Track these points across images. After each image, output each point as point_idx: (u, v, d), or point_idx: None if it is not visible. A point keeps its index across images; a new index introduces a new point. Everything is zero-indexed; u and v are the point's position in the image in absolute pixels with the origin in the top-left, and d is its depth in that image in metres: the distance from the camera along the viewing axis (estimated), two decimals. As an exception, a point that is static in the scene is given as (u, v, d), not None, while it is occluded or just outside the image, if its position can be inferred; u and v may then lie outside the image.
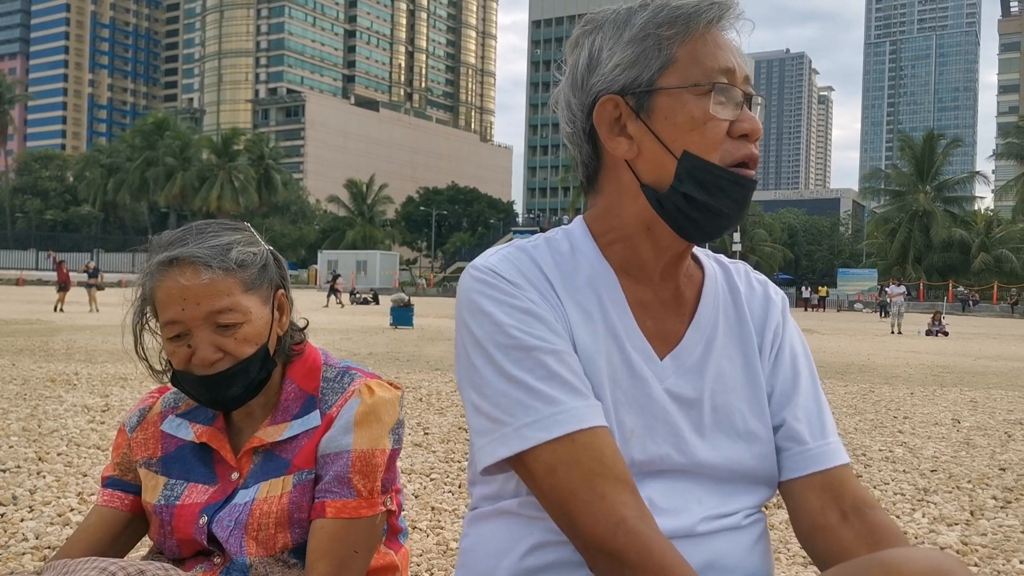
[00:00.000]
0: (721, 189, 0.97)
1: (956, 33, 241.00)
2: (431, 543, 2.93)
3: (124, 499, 1.31)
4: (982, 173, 56.30)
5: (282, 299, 1.30)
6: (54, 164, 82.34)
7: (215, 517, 1.23)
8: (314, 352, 1.35)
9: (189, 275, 1.18)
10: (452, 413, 5.80)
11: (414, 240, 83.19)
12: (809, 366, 1.12)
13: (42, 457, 3.99)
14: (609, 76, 1.00)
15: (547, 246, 1.07)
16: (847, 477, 1.03)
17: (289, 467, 1.24)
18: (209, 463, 1.28)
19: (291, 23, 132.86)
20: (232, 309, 1.20)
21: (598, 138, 1.02)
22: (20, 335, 11.70)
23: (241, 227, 1.29)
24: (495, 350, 0.96)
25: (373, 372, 1.34)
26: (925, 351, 14.81)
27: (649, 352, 1.03)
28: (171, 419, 1.33)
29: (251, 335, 1.22)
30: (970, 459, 4.77)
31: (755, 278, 1.17)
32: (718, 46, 0.98)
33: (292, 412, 1.28)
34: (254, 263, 1.24)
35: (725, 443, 1.03)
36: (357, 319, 20.09)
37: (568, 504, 0.90)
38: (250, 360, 1.22)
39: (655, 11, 0.99)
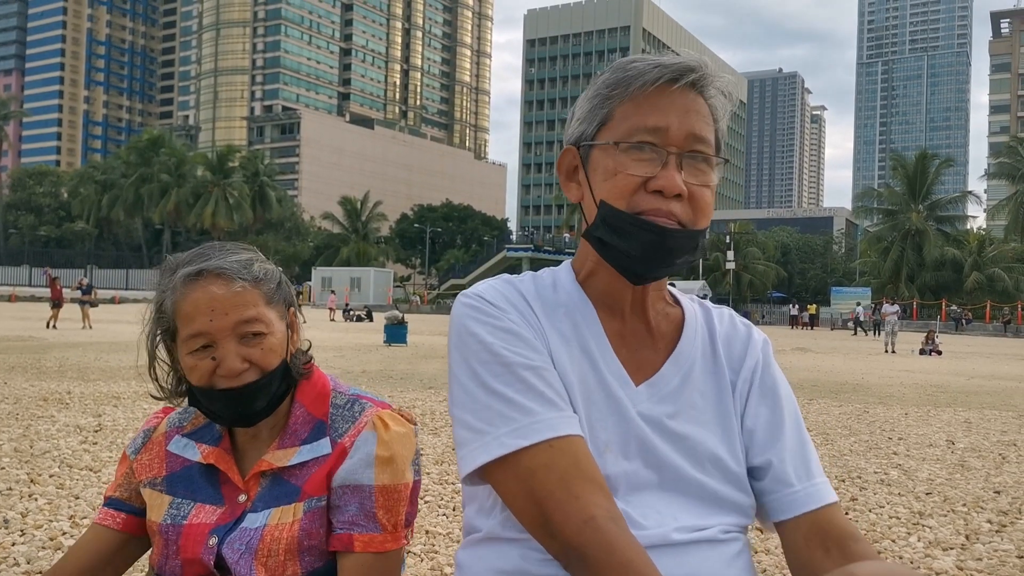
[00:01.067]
0: (628, 233, 1.05)
1: (947, 53, 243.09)
2: (425, 568, 2.91)
3: (117, 517, 1.31)
4: (974, 193, 56.48)
5: (293, 317, 1.32)
6: (48, 180, 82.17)
7: (225, 539, 1.22)
8: (323, 377, 1.36)
9: (218, 286, 1.20)
10: (446, 434, 5.78)
11: (408, 257, 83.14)
12: (792, 407, 1.16)
13: (34, 479, 3.95)
14: (572, 127, 1.13)
15: (532, 280, 1.16)
16: (833, 515, 1.07)
17: (300, 494, 1.24)
18: (216, 484, 1.28)
19: (287, 41, 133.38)
20: (258, 319, 1.22)
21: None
22: (12, 352, 11.64)
23: (249, 248, 1.32)
24: (478, 366, 1.04)
25: (383, 401, 1.34)
26: (919, 370, 14.83)
27: (624, 377, 1.10)
28: (177, 439, 1.33)
29: (275, 346, 1.24)
30: (965, 481, 4.77)
31: (739, 321, 1.22)
32: (655, 107, 1.05)
33: (301, 437, 1.28)
34: (272, 279, 1.28)
35: (695, 467, 1.08)
36: (351, 336, 20.03)
37: (545, 504, 0.95)
38: (273, 373, 1.24)
39: (614, 71, 1.08)
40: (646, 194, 1.04)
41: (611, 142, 1.06)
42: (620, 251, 1.06)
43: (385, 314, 18.48)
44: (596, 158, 1.09)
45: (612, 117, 1.07)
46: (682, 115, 1.05)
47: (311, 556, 1.23)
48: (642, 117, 1.05)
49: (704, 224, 1.08)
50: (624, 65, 1.08)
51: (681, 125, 1.05)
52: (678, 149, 1.05)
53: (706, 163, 1.08)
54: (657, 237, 1.04)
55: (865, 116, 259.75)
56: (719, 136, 1.11)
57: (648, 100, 1.05)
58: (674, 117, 1.05)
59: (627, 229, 1.05)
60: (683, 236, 1.05)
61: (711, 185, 1.09)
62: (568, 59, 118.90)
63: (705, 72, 1.07)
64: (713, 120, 1.09)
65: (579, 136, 1.11)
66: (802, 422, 1.15)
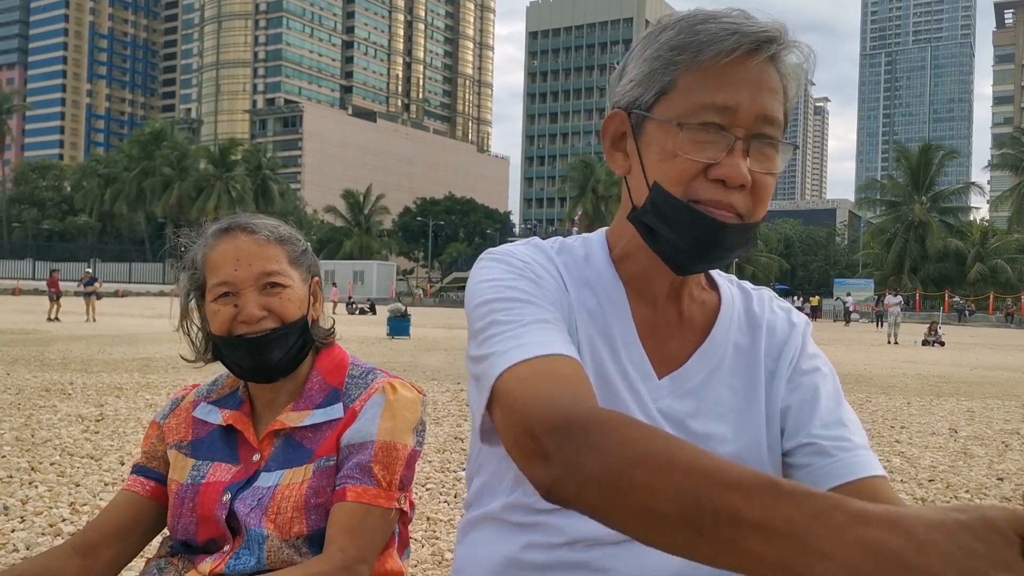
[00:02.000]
0: (683, 224, 0.93)
1: (951, 45, 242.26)
2: (426, 553, 2.91)
3: (146, 485, 1.37)
4: (977, 184, 56.46)
5: (316, 287, 1.39)
6: (51, 174, 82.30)
7: (238, 495, 1.27)
8: (343, 353, 1.43)
9: (243, 238, 1.30)
10: (448, 423, 5.78)
11: (411, 250, 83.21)
12: (833, 385, 1.07)
13: (35, 467, 3.96)
14: (622, 89, 0.99)
15: (562, 248, 1.07)
16: (880, 488, 0.95)
17: (312, 456, 1.29)
18: (233, 445, 1.34)
19: (289, 34, 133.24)
20: (281, 272, 1.30)
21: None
22: (16, 344, 11.66)
23: (284, 222, 1.41)
24: (489, 304, 0.94)
25: (397, 376, 1.39)
26: (922, 361, 14.81)
27: (647, 370, 1.02)
28: (203, 406, 1.40)
29: (294, 300, 1.31)
30: (968, 469, 4.76)
31: (778, 305, 1.14)
32: (725, 80, 0.91)
33: (315, 402, 1.34)
34: (299, 243, 1.37)
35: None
36: (354, 329, 20.05)
37: (529, 403, 0.80)
38: (292, 325, 1.30)
39: (680, 31, 0.94)
40: (706, 182, 0.93)
41: (674, 121, 0.92)
42: (668, 241, 0.96)
43: (388, 307, 18.48)
44: (651, 132, 0.95)
45: (674, 87, 0.93)
46: (754, 92, 0.92)
47: (317, 515, 1.26)
48: (710, 92, 0.91)
49: (762, 215, 0.97)
50: (693, 25, 0.93)
51: (752, 104, 0.92)
52: (746, 132, 0.92)
53: (773, 148, 0.95)
54: (712, 232, 0.93)
55: (868, 108, 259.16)
56: (787, 115, 0.98)
57: (718, 72, 0.91)
58: (745, 95, 0.92)
59: (680, 219, 0.93)
60: (740, 230, 0.94)
61: (776, 172, 0.96)
62: (571, 51, 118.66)
63: (787, 42, 0.93)
64: (785, 97, 0.96)
65: (632, 101, 0.97)
66: (844, 399, 1.08)
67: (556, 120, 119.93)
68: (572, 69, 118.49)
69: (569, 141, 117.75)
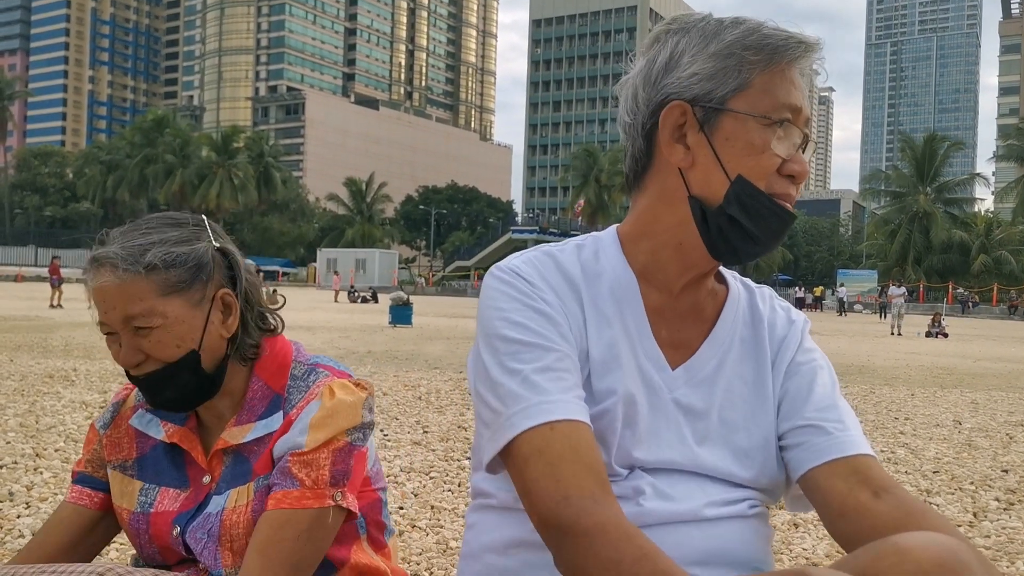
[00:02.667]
0: (763, 217, 0.99)
1: (957, 35, 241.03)
2: (431, 542, 2.91)
3: (93, 496, 1.27)
4: (982, 175, 56.42)
5: (228, 299, 1.22)
6: (53, 161, 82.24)
7: (188, 527, 1.19)
8: (286, 347, 1.29)
9: (104, 277, 1.15)
10: (451, 412, 5.78)
11: (413, 239, 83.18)
12: (831, 378, 1.12)
13: (39, 453, 3.96)
14: (685, 82, 1.01)
15: (574, 250, 1.10)
16: (873, 465, 1.01)
17: (251, 473, 1.20)
18: (181, 465, 1.24)
19: (291, 21, 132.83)
20: (145, 314, 1.14)
21: (655, 137, 1.03)
22: (19, 331, 11.67)
23: (185, 222, 1.22)
24: (500, 343, 1.00)
25: (344, 370, 1.27)
26: (925, 352, 14.79)
27: (661, 361, 1.06)
28: (141, 413, 1.28)
29: (167, 340, 1.16)
30: (972, 460, 4.75)
31: (778, 303, 1.18)
32: (793, 83, 1.00)
33: (258, 412, 1.23)
34: (180, 264, 1.17)
35: (728, 455, 1.06)
36: (356, 317, 20.06)
37: (530, 490, 0.92)
38: (175, 365, 1.17)
39: (746, 32, 1.00)
40: (778, 177, 1.00)
41: (758, 114, 0.98)
42: (746, 232, 1.00)
43: (390, 295, 18.48)
44: (730, 126, 0.99)
45: (751, 84, 0.98)
46: (804, 95, 1.01)
47: None
48: (785, 92, 0.99)
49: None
50: (757, 28, 1.00)
51: (806, 106, 1.01)
52: (802, 131, 1.01)
53: (807, 147, 1.03)
54: (784, 224, 1.01)
55: (873, 98, 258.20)
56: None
57: (785, 75, 0.99)
58: (803, 97, 1.01)
59: (762, 212, 0.99)
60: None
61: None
62: (575, 39, 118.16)
63: (821, 56, 1.03)
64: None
65: (702, 94, 1.00)
66: (838, 390, 1.12)
67: (559, 109, 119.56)
68: (576, 57, 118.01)
69: (572, 130, 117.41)
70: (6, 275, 43.38)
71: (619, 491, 0.99)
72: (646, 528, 0.97)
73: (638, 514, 0.99)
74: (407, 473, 3.88)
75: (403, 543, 2.87)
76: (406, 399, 6.30)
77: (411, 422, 5.28)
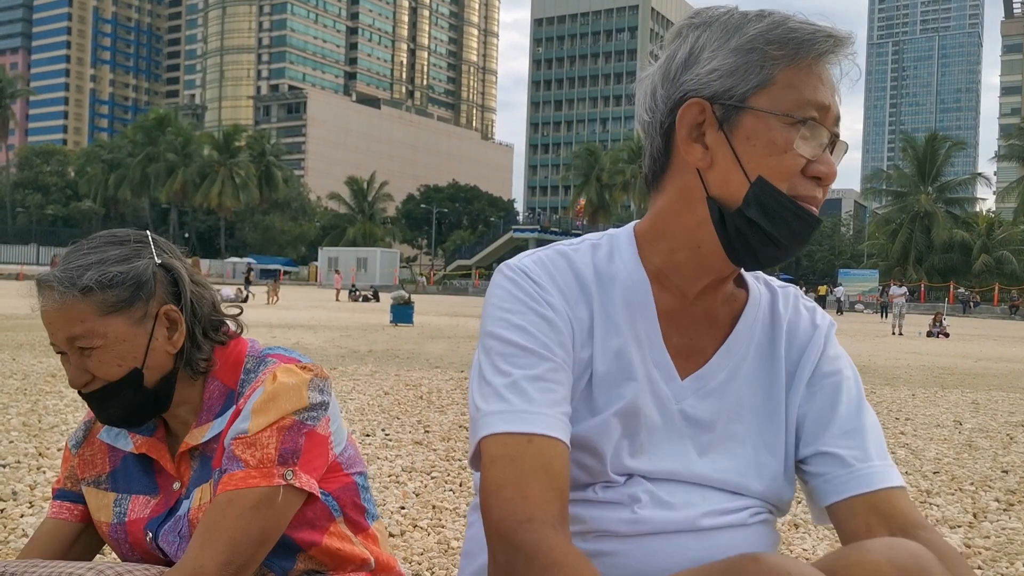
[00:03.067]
0: (784, 220, 0.94)
1: (959, 34, 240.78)
2: (432, 541, 2.92)
3: (73, 510, 1.29)
4: (984, 175, 56.29)
5: (172, 315, 1.21)
6: (55, 159, 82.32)
7: (159, 531, 1.20)
8: (240, 346, 1.29)
9: (46, 300, 1.17)
10: (453, 411, 5.79)
11: (414, 238, 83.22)
12: (856, 390, 1.07)
13: (42, 452, 3.97)
14: (704, 78, 0.96)
15: (589, 250, 1.06)
16: (898, 499, 0.97)
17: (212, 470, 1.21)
18: (150, 473, 1.25)
19: (293, 19, 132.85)
20: (85, 335, 1.16)
21: (673, 136, 0.98)
22: (20, 330, 11.69)
23: (126, 240, 1.23)
24: (497, 343, 0.97)
25: (295, 356, 1.26)
26: (926, 352, 14.80)
27: (670, 370, 1.03)
28: (109, 428, 1.29)
29: (109, 359, 1.17)
30: (972, 461, 4.76)
31: (804, 304, 1.12)
32: (820, 80, 0.94)
33: (215, 411, 1.24)
34: (119, 283, 1.17)
35: (733, 468, 1.03)
36: (357, 316, 20.07)
37: (492, 495, 0.89)
38: (117, 384, 1.18)
39: (770, 26, 0.94)
40: (803, 178, 0.94)
41: (780, 112, 0.92)
42: (766, 235, 0.94)
43: (391, 294, 18.49)
44: (750, 125, 0.94)
45: (774, 81, 0.93)
46: (833, 93, 0.96)
47: None
48: (811, 89, 0.93)
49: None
50: (783, 22, 0.94)
51: (834, 104, 0.95)
52: (830, 131, 0.95)
53: (836, 147, 0.98)
54: (808, 227, 0.95)
55: (875, 97, 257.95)
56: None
57: (812, 71, 0.94)
58: (831, 94, 0.95)
59: (783, 214, 0.93)
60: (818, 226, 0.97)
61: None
62: (576, 39, 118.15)
63: (852, 50, 0.96)
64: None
65: (721, 91, 0.95)
66: (864, 404, 1.06)
67: (561, 108, 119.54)
68: (577, 56, 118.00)
69: (574, 129, 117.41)
70: (8, 273, 43.43)
71: (614, 497, 0.97)
72: (642, 536, 0.95)
73: (633, 521, 0.96)
74: (408, 473, 3.89)
75: (404, 543, 2.88)
76: (407, 398, 6.31)
77: (412, 421, 5.29)
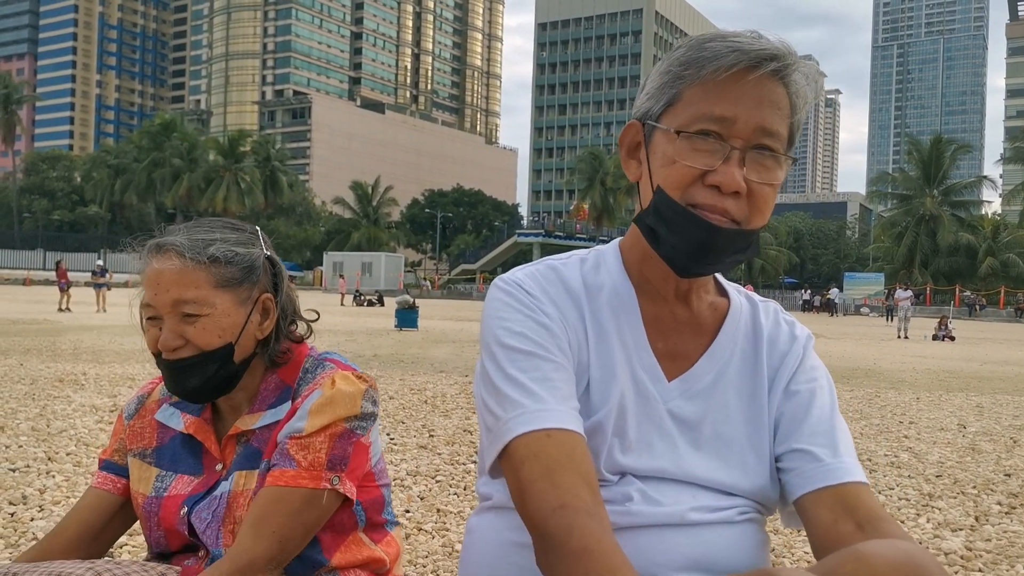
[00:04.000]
0: (678, 225, 0.99)
1: (964, 37, 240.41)
2: (437, 545, 2.94)
3: (117, 483, 1.34)
4: (989, 177, 56.04)
5: (268, 304, 1.31)
6: (61, 164, 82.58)
7: (194, 508, 1.25)
8: (302, 348, 1.38)
9: (164, 262, 1.24)
10: (457, 415, 5.81)
11: (419, 242, 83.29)
12: (829, 397, 1.12)
13: (51, 457, 4.01)
14: (640, 102, 1.06)
15: (577, 263, 1.13)
16: (861, 492, 1.01)
17: (261, 458, 1.26)
18: (197, 454, 1.31)
19: (297, 25, 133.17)
20: (197, 301, 1.23)
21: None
22: (27, 335, 11.75)
23: (243, 228, 1.34)
24: (500, 350, 1.03)
25: (350, 364, 1.35)
26: (931, 356, 14.77)
27: (657, 373, 1.08)
28: (165, 407, 1.36)
29: (212, 329, 1.24)
30: (975, 464, 4.77)
31: (783, 318, 1.18)
32: (726, 94, 0.98)
33: (268, 401, 1.31)
34: (237, 263, 1.27)
35: (721, 468, 1.07)
36: (362, 321, 20.11)
37: (525, 491, 0.94)
38: (210, 354, 1.24)
39: (687, 49, 1.01)
40: (703, 187, 0.99)
41: (672, 129, 1.00)
42: (668, 243, 1.01)
43: (396, 299, 18.52)
44: (657, 140, 1.03)
45: (680, 99, 1.00)
46: (753, 106, 0.98)
47: None
48: (710, 104, 0.98)
49: (760, 224, 1.02)
50: (701, 43, 1.00)
51: (750, 117, 0.98)
52: (743, 143, 0.98)
53: (773, 159, 1.00)
54: (706, 234, 0.99)
55: (880, 100, 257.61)
56: (793, 129, 1.03)
57: (720, 87, 0.98)
58: (744, 108, 0.98)
59: (678, 221, 1.00)
60: (734, 235, 1.00)
61: (775, 183, 1.01)
62: (580, 43, 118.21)
63: (788, 61, 0.99)
64: (791, 112, 1.01)
65: (645, 112, 1.05)
66: (837, 410, 1.12)
67: (565, 112, 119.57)
68: (581, 60, 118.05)
69: (578, 133, 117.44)
70: (14, 279, 43.57)
71: (608, 495, 1.01)
72: (632, 530, 1.00)
73: (624, 514, 1.00)
74: (413, 477, 3.92)
75: (409, 546, 2.91)
76: (412, 403, 6.34)
77: (417, 426, 5.32)
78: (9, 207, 74.51)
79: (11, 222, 72.28)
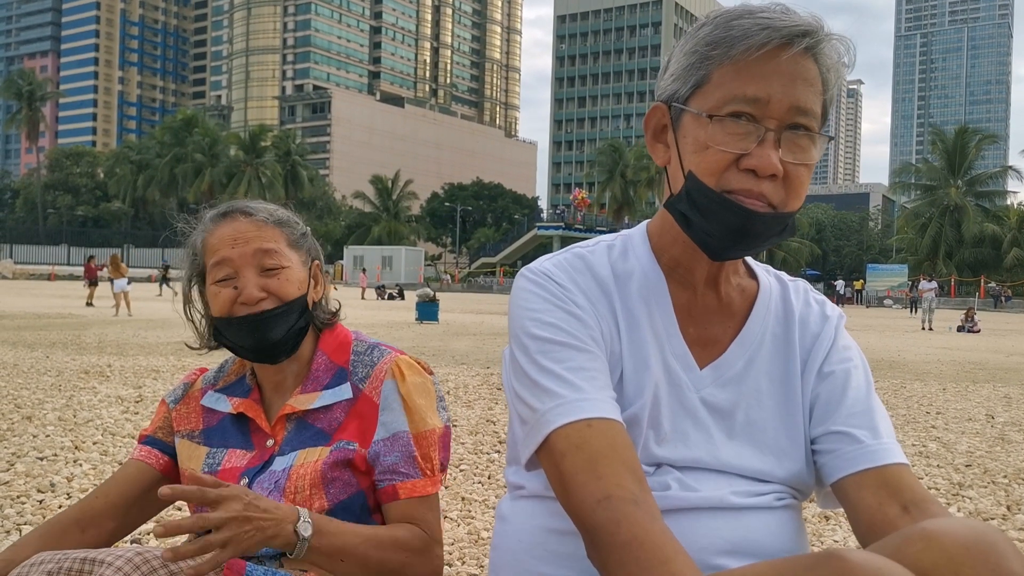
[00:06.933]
0: (712, 212, 0.97)
1: (988, 25, 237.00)
2: (462, 532, 2.94)
3: (160, 458, 1.38)
4: (1015, 168, 55.27)
5: (317, 270, 1.41)
6: (85, 161, 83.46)
7: (255, 480, 1.28)
8: (345, 331, 1.44)
9: (241, 221, 1.32)
10: (480, 406, 5.81)
11: (439, 236, 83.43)
12: (864, 377, 1.10)
13: (78, 446, 4.05)
14: (665, 83, 1.03)
15: (604, 250, 1.11)
16: (905, 475, 0.99)
17: (330, 439, 1.30)
18: (246, 431, 1.35)
19: (317, 20, 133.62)
20: (278, 252, 1.31)
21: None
22: (53, 328, 11.89)
23: (286, 205, 1.44)
24: (531, 342, 1.01)
25: (400, 349, 1.41)
26: (957, 347, 14.60)
27: (689, 360, 1.06)
28: (210, 394, 1.41)
29: (292, 280, 1.32)
30: (1005, 454, 4.70)
31: (813, 297, 1.16)
32: (757, 73, 0.94)
33: (323, 382, 1.35)
34: (297, 227, 1.38)
35: (755, 455, 1.05)
36: (383, 314, 20.18)
37: (569, 483, 0.92)
38: (292, 303, 1.31)
39: (713, 27, 0.97)
40: (738, 172, 0.96)
41: (703, 113, 0.96)
42: (702, 229, 0.99)
43: (417, 292, 18.57)
44: (687, 124, 0.99)
45: (709, 80, 0.97)
46: (787, 84, 0.94)
47: (335, 488, 1.27)
48: (742, 85, 0.94)
49: (796, 206, 0.99)
50: (728, 20, 0.96)
51: (784, 96, 0.94)
52: (778, 123, 0.95)
53: (808, 138, 0.97)
54: (743, 220, 0.96)
55: (903, 90, 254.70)
56: (827, 106, 1.00)
57: (751, 66, 0.94)
58: (778, 86, 0.94)
59: (713, 208, 0.97)
60: (771, 220, 0.97)
61: (810, 163, 0.98)
62: (599, 35, 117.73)
63: (821, 36, 0.95)
64: (824, 88, 0.98)
65: (671, 94, 1.01)
66: (873, 390, 1.10)
67: (584, 104, 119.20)
68: (600, 53, 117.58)
69: (598, 125, 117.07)
70: (40, 274, 44.10)
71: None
72: (672, 513, 0.97)
73: (662, 498, 0.98)
74: (437, 466, 3.92)
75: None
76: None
77: (440, 416, 5.32)
78: (34, 203, 75.45)
79: (36, 218, 73.19)
